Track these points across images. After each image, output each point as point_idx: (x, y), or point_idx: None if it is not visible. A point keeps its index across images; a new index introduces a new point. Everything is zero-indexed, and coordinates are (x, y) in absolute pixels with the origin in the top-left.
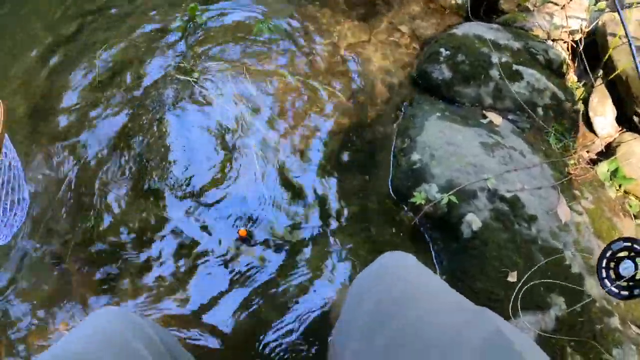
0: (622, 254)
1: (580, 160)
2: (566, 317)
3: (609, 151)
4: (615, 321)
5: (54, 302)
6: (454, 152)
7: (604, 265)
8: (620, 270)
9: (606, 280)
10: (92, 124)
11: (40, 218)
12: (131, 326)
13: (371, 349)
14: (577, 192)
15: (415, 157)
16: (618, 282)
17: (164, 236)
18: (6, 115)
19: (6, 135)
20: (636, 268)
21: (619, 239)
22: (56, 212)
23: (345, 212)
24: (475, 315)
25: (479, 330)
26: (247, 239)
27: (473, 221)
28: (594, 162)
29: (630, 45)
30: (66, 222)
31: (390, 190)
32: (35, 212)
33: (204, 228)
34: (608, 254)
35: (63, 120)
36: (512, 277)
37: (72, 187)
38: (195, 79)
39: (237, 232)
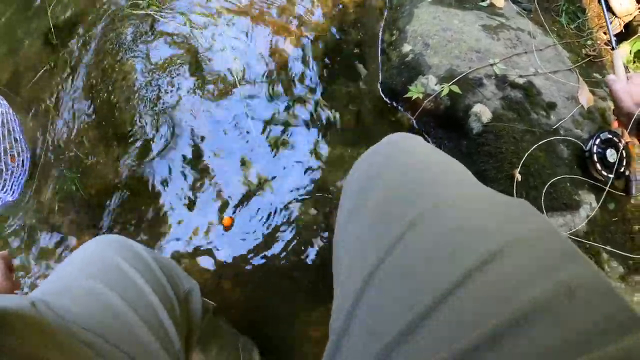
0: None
1: (598, 41)
2: (598, 217)
3: (629, 31)
4: None
5: None
6: (451, 38)
7: (594, 151)
8: (607, 156)
9: (597, 164)
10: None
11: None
12: (123, 251)
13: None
14: (597, 75)
15: (406, 48)
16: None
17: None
18: None
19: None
20: (618, 155)
21: (605, 130)
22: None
23: (338, 123)
24: (518, 205)
25: (526, 226)
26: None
27: (482, 112)
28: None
29: None
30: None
31: (381, 91)
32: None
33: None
34: (597, 142)
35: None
36: (516, 174)
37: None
38: (154, 11)
39: (221, 223)
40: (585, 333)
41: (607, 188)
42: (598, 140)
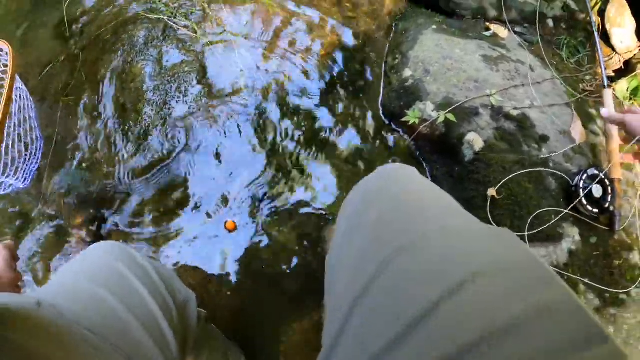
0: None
1: (597, 76)
2: (580, 251)
3: (628, 68)
4: (635, 257)
5: None
6: (451, 66)
7: (581, 185)
8: (593, 191)
9: (583, 199)
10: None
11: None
12: (125, 259)
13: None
14: (593, 112)
15: (407, 73)
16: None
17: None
18: (16, 59)
19: (17, 76)
20: (604, 191)
21: (593, 166)
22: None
23: (336, 137)
24: (500, 234)
25: (512, 253)
26: (234, 230)
27: (475, 141)
28: (611, 80)
29: None
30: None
31: (381, 111)
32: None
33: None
34: (584, 177)
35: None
36: (491, 192)
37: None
38: (168, 16)
39: (225, 225)
40: (554, 349)
41: (592, 222)
42: (585, 175)
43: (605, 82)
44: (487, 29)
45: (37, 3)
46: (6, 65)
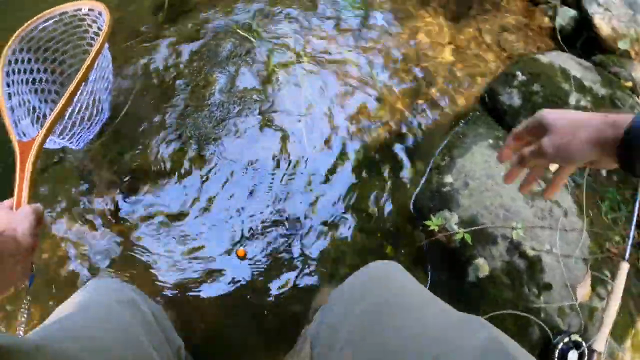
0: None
1: (627, 239)
2: None
3: None
4: None
5: None
6: (490, 187)
7: (559, 347)
8: (569, 357)
9: None
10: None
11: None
12: (123, 302)
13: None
14: (607, 274)
15: (448, 179)
16: None
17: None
18: (112, 27)
19: (107, 45)
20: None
21: (571, 332)
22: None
23: (358, 211)
24: (469, 321)
25: (474, 337)
26: (244, 258)
27: (482, 267)
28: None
29: None
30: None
31: (412, 202)
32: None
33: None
34: (566, 339)
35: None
36: None
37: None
38: (254, 38)
39: (236, 253)
40: None
41: None
42: (567, 339)
43: (627, 255)
44: None
45: None
46: (100, 30)
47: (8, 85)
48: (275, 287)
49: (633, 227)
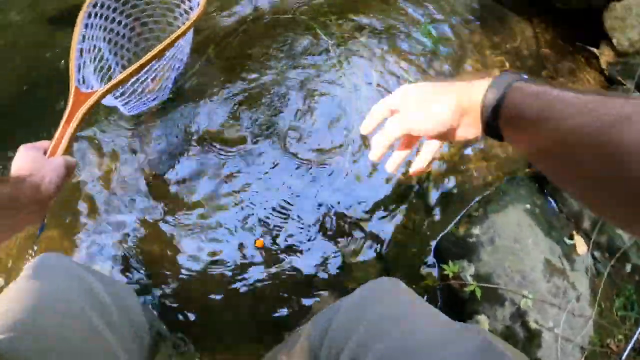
0: None
1: (629, 340)
2: None
3: None
4: None
5: None
6: (514, 250)
7: None
8: None
9: None
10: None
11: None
12: (80, 287)
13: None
14: None
15: (476, 231)
16: None
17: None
18: (204, 13)
19: (192, 30)
20: None
21: None
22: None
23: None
24: (465, 328)
25: (470, 340)
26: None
27: (481, 324)
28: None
29: None
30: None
31: (435, 243)
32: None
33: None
34: None
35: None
36: None
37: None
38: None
39: (255, 243)
40: None
41: None
42: None
43: (625, 355)
44: (571, 237)
45: None
46: (191, 10)
47: (86, 27)
48: (280, 280)
49: (639, 331)
